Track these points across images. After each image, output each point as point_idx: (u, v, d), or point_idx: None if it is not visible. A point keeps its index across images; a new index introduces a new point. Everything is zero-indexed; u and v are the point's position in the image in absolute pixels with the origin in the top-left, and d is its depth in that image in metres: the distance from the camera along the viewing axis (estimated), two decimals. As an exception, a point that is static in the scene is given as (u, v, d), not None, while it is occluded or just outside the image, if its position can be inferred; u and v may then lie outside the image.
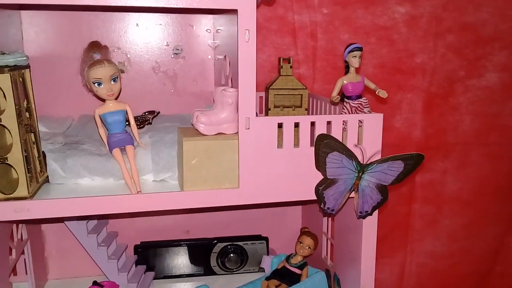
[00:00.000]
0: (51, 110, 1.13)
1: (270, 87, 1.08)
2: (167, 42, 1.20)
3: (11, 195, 0.79)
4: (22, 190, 0.79)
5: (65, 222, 1.10)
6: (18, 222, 1.03)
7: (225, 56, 1.00)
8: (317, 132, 0.86)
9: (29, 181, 0.80)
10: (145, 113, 1.16)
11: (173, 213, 1.27)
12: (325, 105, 1.07)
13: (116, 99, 0.90)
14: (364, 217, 0.92)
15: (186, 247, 1.25)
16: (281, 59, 1.08)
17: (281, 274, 1.11)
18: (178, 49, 1.20)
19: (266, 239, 1.28)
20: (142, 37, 1.18)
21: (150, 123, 1.10)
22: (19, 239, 1.05)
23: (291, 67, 1.08)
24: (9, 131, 0.78)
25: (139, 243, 1.24)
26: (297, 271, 1.11)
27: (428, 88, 1.44)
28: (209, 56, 1.22)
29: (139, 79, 1.20)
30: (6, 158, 0.78)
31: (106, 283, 1.07)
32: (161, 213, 1.26)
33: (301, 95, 1.09)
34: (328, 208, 0.89)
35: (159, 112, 1.17)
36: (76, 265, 1.23)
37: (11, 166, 0.79)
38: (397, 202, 1.49)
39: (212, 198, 0.86)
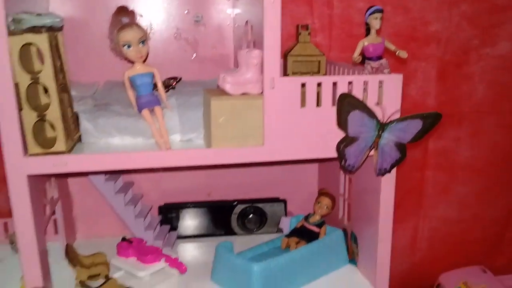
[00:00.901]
0: (77, 77, 1.17)
1: (289, 54, 1.11)
2: (187, 10, 1.23)
3: (50, 149, 0.84)
4: (60, 145, 0.84)
5: (94, 182, 1.15)
6: (51, 179, 1.08)
7: (246, 21, 1.03)
8: (339, 92, 0.89)
9: (66, 137, 0.85)
10: (167, 79, 1.19)
11: (195, 176, 1.32)
12: (342, 71, 1.09)
13: (144, 62, 0.94)
14: (383, 174, 0.96)
15: (207, 208, 1.30)
16: (299, 26, 1.10)
17: (300, 232, 1.16)
18: (198, 17, 1.23)
19: (284, 201, 1.33)
20: (164, 4, 1.21)
21: (174, 88, 1.14)
22: (50, 198, 1.10)
23: (309, 34, 1.10)
24: (47, 89, 0.82)
25: (163, 204, 1.28)
26: (316, 229, 1.16)
27: (442, 56, 1.47)
28: (228, 23, 1.25)
29: (161, 46, 1.23)
30: (45, 115, 0.82)
31: (134, 239, 1.13)
32: (183, 176, 1.31)
33: (319, 61, 1.12)
34: (349, 165, 0.93)
35: (181, 78, 1.20)
36: (103, 225, 1.28)
37: (50, 122, 0.83)
38: (411, 168, 1.53)
39: (238, 155, 0.90)
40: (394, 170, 0.98)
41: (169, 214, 1.28)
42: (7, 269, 1.13)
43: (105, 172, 1.17)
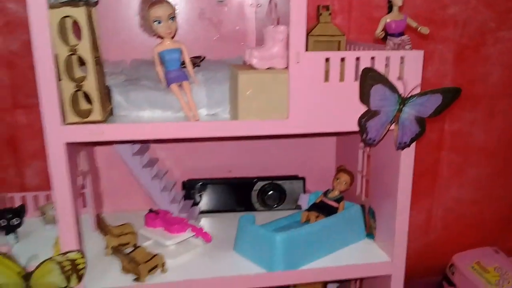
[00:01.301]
0: (104, 55, 1.21)
1: (309, 34, 1.14)
2: (211, -10, 1.26)
3: (86, 119, 0.88)
4: (96, 115, 0.88)
5: (123, 157, 1.19)
6: (80, 153, 1.13)
7: (270, 0, 1.06)
8: (362, 67, 0.92)
9: (102, 108, 0.89)
10: (192, 57, 1.23)
11: (216, 155, 1.36)
12: (362, 49, 1.12)
13: (172, 38, 0.97)
14: (402, 148, 1.00)
15: (228, 185, 1.34)
16: (320, 7, 1.13)
17: (319, 207, 1.20)
18: (222, -4, 1.27)
19: (303, 179, 1.36)
20: (188, -15, 1.25)
21: (199, 66, 1.17)
22: (81, 171, 1.15)
23: (330, 14, 1.13)
24: (84, 61, 0.86)
25: (186, 180, 1.33)
26: (334, 204, 1.19)
27: (459, 39, 1.49)
28: (251, 3, 1.28)
29: (185, 26, 1.27)
30: (82, 85, 0.87)
31: (160, 211, 1.17)
32: (205, 154, 1.35)
33: (339, 41, 1.15)
34: (370, 139, 0.96)
35: (204, 57, 1.24)
36: (128, 200, 1.33)
37: (87, 93, 0.87)
38: (426, 150, 1.56)
39: (263, 127, 0.94)
40: (413, 145, 1.01)
41: (192, 190, 1.32)
42: (39, 239, 1.18)
43: (134, 142, 1.21)
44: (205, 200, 1.34)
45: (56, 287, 0.92)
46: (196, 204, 1.32)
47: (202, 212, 1.33)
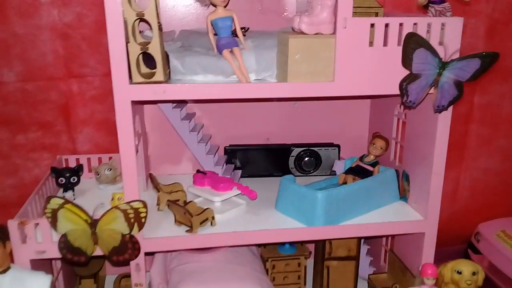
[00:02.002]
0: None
1: (348, 6, 1.19)
2: (254, -37, 1.32)
3: (150, 79, 0.96)
4: (158, 76, 0.96)
5: (172, 121, 1.27)
6: (136, 116, 1.21)
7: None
8: (405, 33, 0.98)
9: (164, 69, 0.97)
10: (236, 28, 1.30)
11: (255, 123, 1.43)
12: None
13: (225, 7, 1.04)
14: (440, 111, 1.06)
15: (267, 151, 1.42)
16: (358, -20, 1.18)
17: (355, 170, 1.27)
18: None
19: (338, 146, 1.43)
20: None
21: (244, 35, 1.24)
22: (136, 131, 1.23)
23: (367, -13, 1.18)
24: (150, 25, 0.94)
25: (228, 145, 1.41)
26: (370, 168, 1.26)
27: (491, 14, 1.53)
28: (293, -25, 1.34)
29: (229, -1, 1.34)
30: (147, 48, 0.95)
31: (207, 171, 1.25)
32: (245, 123, 1.42)
33: (377, 13, 1.20)
34: (410, 101, 1.03)
35: (248, 28, 1.31)
36: (175, 163, 1.41)
37: (151, 55, 0.95)
38: (455, 122, 1.59)
39: (311, 89, 1.01)
40: (450, 109, 1.07)
41: (233, 155, 1.40)
42: (94, 196, 1.28)
43: (179, 101, 1.28)
44: (245, 165, 1.42)
45: (119, 233, 1.01)
46: (237, 168, 1.40)
47: (242, 177, 1.41)
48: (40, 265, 1.05)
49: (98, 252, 1.03)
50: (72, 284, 1.36)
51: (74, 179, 1.24)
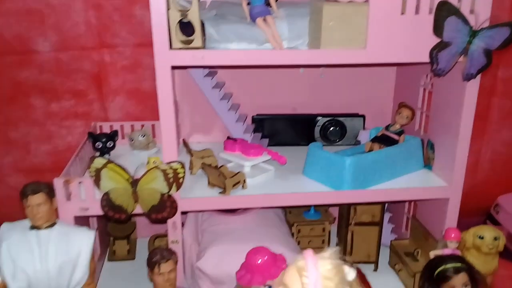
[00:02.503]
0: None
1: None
2: None
3: (189, 45, 1.00)
4: (197, 42, 1.00)
5: (202, 88, 1.31)
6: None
7: None
8: (437, 1, 1.00)
9: (201, 36, 1.00)
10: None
11: (282, 94, 1.47)
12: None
13: (257, -25, 1.07)
14: (469, 79, 1.08)
15: (294, 121, 1.46)
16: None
17: (381, 139, 1.30)
18: None
19: (363, 116, 1.46)
20: None
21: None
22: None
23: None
24: (189, -8, 0.97)
25: (255, 115, 1.45)
26: (395, 137, 1.29)
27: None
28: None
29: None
30: (187, 15, 0.98)
31: (237, 138, 1.30)
32: (272, 93, 1.46)
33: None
34: (440, 69, 1.05)
35: (278, -1, 1.33)
36: (204, 131, 1.46)
37: (190, 22, 0.98)
38: (478, 94, 1.62)
39: (343, 56, 1.04)
40: (478, 77, 1.09)
41: (261, 124, 1.44)
42: (129, 161, 1.32)
43: (210, 67, 1.32)
44: (272, 134, 1.46)
45: (158, 192, 1.06)
46: (264, 137, 1.44)
47: (269, 145, 1.45)
48: (81, 223, 1.12)
49: (138, 210, 1.09)
50: (106, 245, 1.43)
51: (110, 144, 1.30)
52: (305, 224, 1.39)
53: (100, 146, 1.29)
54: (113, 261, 1.41)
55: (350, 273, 0.59)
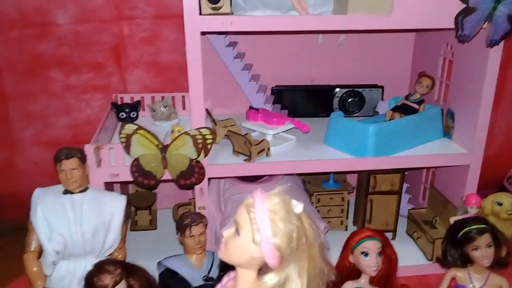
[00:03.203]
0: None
1: None
2: None
3: (218, 11, 1.00)
4: (226, 8, 1.01)
5: (224, 60, 1.32)
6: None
7: None
8: (463, -33, 1.01)
9: (230, 3, 1.01)
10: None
11: (300, 65, 1.48)
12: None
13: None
14: (492, 46, 1.09)
15: (313, 91, 1.47)
16: None
17: (401, 108, 1.32)
18: None
19: (382, 87, 1.48)
20: None
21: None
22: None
23: None
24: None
25: (274, 86, 1.46)
26: (416, 106, 1.31)
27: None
28: None
29: None
30: (215, -20, 0.99)
31: (260, 108, 1.31)
32: (290, 64, 1.47)
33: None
34: (465, 35, 1.06)
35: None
36: (224, 102, 1.47)
37: (219, -13, 0.99)
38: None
39: (369, 22, 1.05)
40: (501, 44, 1.10)
41: (280, 95, 1.45)
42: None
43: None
44: (291, 105, 1.47)
45: (187, 158, 1.08)
46: (283, 108, 1.45)
47: (289, 116, 1.46)
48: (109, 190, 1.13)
49: (166, 176, 1.11)
50: (128, 215, 1.45)
51: (133, 114, 1.31)
52: (325, 194, 1.42)
53: (124, 116, 1.31)
54: (136, 231, 1.44)
55: (298, 207, 0.61)
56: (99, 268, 0.83)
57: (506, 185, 1.74)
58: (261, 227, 0.58)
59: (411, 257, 1.34)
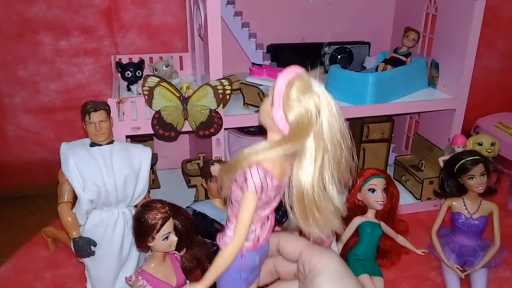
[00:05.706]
0: None
1: None
2: None
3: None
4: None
5: (224, 19, 1.36)
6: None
7: None
8: None
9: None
10: None
11: (292, 24, 1.54)
12: None
13: None
14: (478, -4, 1.21)
15: (305, 48, 1.54)
16: None
17: (390, 61, 1.42)
18: None
19: (368, 43, 1.57)
20: None
21: None
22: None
23: None
24: None
25: (269, 44, 1.52)
26: (403, 58, 1.42)
27: None
28: None
29: None
30: None
31: (263, 64, 1.37)
32: (281, 23, 1.52)
33: None
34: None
35: None
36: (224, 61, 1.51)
37: None
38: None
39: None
40: (485, -4, 1.22)
41: (275, 53, 1.51)
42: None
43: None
44: (284, 62, 1.53)
45: (207, 109, 1.12)
46: (280, 66, 1.52)
47: (283, 73, 1.53)
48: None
49: (186, 127, 1.14)
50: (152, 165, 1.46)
51: (139, 73, 1.32)
52: (321, 145, 1.50)
53: (129, 75, 1.32)
54: (140, 191, 1.46)
55: (318, 85, 0.59)
56: (148, 207, 0.86)
57: (473, 134, 1.91)
58: (275, 95, 0.58)
59: (401, 198, 1.46)
